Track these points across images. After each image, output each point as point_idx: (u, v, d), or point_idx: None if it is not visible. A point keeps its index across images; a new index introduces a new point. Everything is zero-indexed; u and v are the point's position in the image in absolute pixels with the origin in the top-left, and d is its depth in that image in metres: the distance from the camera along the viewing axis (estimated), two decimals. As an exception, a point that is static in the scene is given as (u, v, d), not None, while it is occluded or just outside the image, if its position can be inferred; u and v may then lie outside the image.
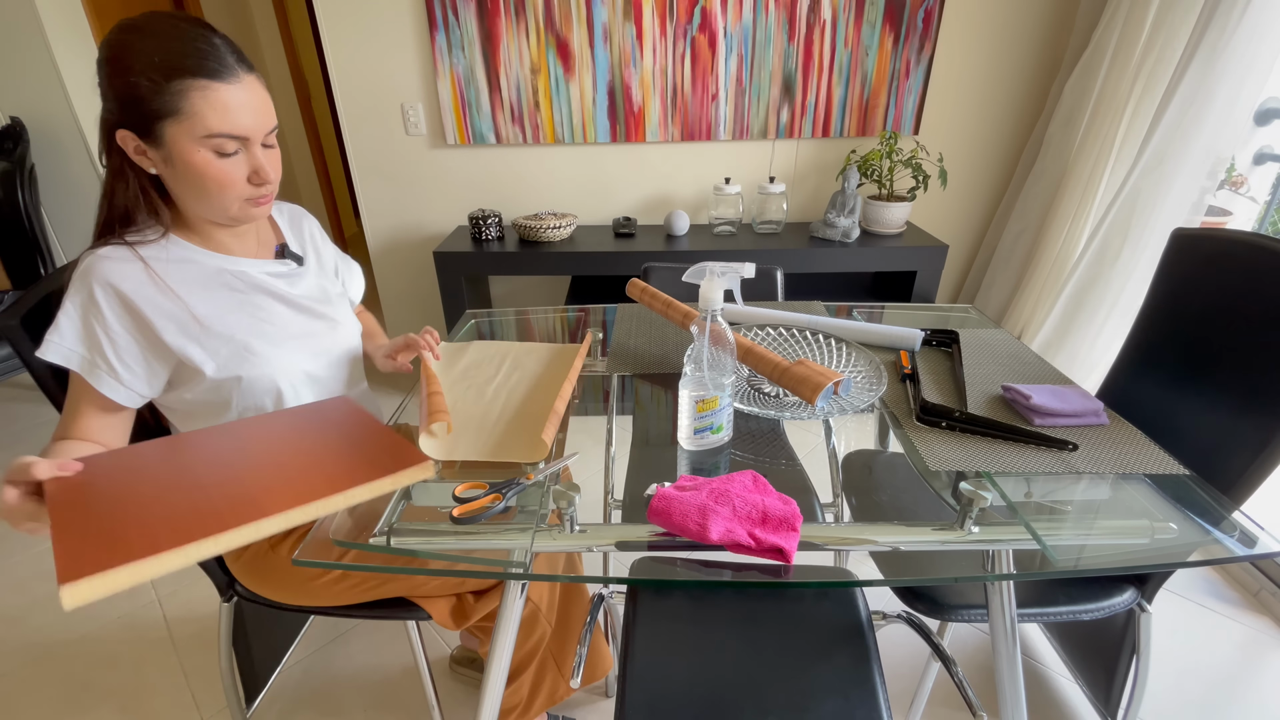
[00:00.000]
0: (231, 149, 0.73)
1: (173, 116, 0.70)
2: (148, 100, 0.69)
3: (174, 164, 0.73)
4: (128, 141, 0.72)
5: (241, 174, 0.75)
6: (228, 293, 0.81)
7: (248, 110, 0.73)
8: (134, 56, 0.69)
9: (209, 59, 0.70)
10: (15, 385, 2.53)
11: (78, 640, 1.42)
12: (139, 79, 0.68)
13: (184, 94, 0.69)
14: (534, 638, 1.02)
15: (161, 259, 0.78)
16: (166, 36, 0.69)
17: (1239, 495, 0.85)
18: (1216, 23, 1.48)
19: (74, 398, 0.77)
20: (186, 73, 0.69)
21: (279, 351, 0.83)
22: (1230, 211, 1.78)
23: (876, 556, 0.99)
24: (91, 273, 0.74)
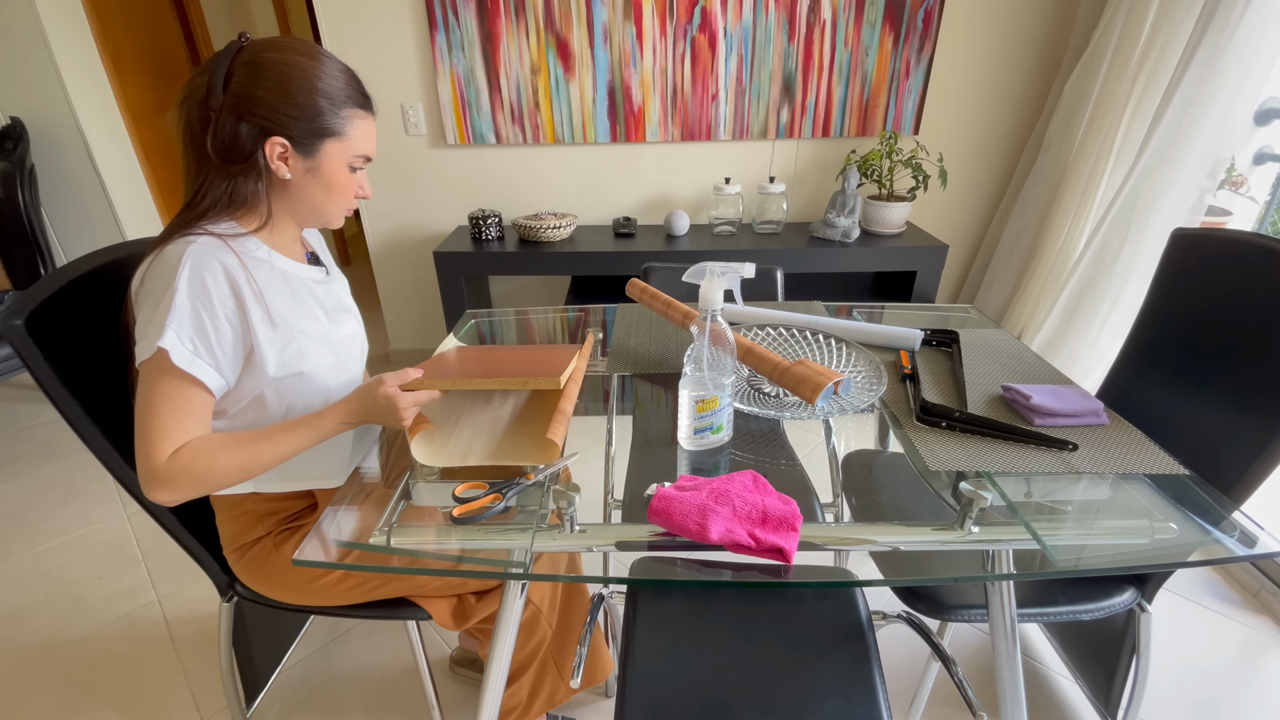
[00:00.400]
0: (360, 166, 0.84)
1: (335, 137, 0.79)
2: (321, 119, 0.77)
3: (318, 174, 0.81)
4: (275, 147, 0.77)
5: (355, 188, 0.86)
6: (289, 294, 0.84)
7: (375, 140, 0.86)
8: (318, 79, 0.76)
9: (365, 94, 0.82)
10: (15, 385, 2.53)
11: (78, 640, 1.42)
12: (320, 100, 0.77)
13: (350, 120, 0.80)
14: (534, 640, 1.02)
15: (247, 255, 0.80)
16: (335, 70, 0.79)
17: (1239, 495, 0.85)
18: (1216, 23, 1.48)
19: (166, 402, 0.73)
20: (355, 103, 0.80)
21: (318, 351, 0.85)
22: (1230, 211, 1.78)
23: (876, 556, 0.99)
24: (205, 260, 0.74)
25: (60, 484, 1.95)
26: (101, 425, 0.85)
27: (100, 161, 2.33)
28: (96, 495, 1.89)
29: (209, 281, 0.73)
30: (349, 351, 0.92)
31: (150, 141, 2.65)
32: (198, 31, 3.00)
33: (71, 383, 0.82)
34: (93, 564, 1.63)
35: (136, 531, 1.74)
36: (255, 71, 0.75)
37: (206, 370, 0.74)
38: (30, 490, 1.92)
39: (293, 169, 0.79)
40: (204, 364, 0.74)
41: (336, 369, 0.89)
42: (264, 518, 0.93)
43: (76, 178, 2.35)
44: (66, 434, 2.15)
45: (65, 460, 2.06)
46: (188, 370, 0.73)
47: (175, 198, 2.82)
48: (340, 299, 0.95)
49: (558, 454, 0.79)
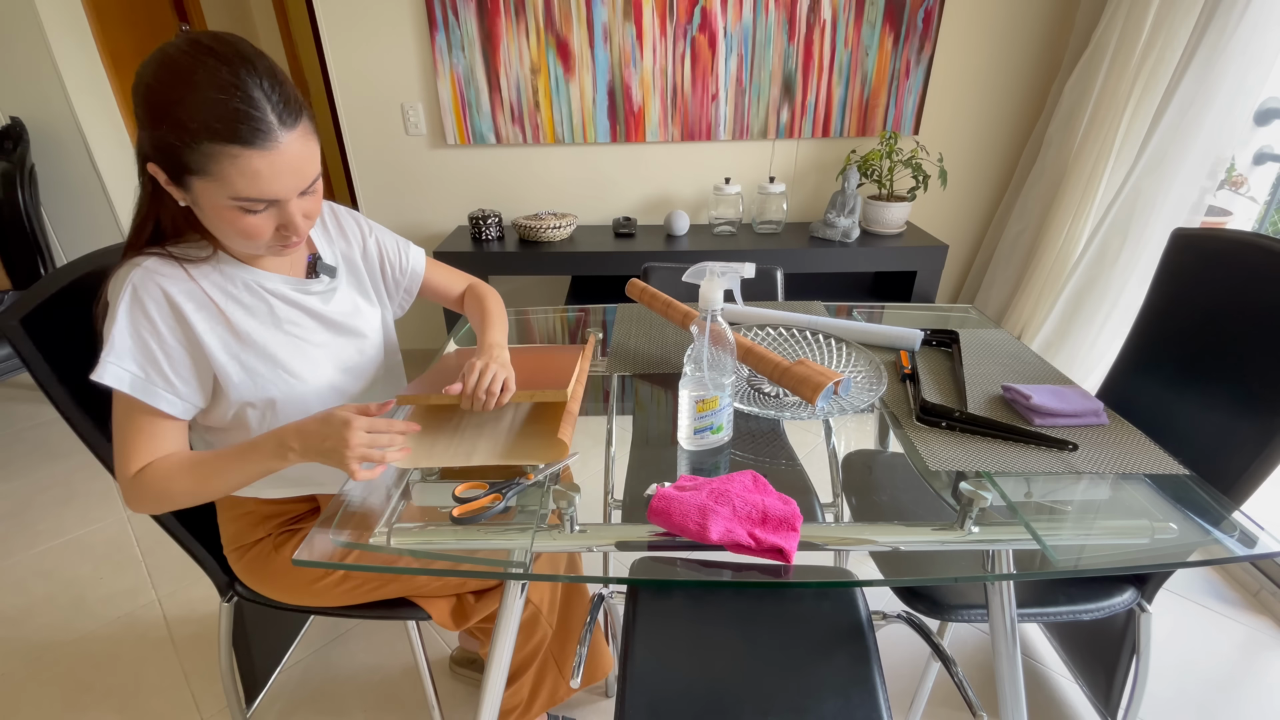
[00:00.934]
0: (260, 208, 0.69)
1: (199, 175, 0.66)
2: (178, 152, 0.65)
3: (200, 208, 0.71)
4: (158, 173, 0.69)
5: (270, 226, 0.72)
6: (266, 311, 0.80)
7: (281, 175, 0.68)
8: (170, 104, 0.63)
9: (245, 123, 0.64)
10: (15, 385, 2.53)
11: (78, 640, 1.42)
12: (171, 131, 0.64)
13: (213, 157, 0.64)
14: (535, 639, 1.02)
15: (205, 273, 0.77)
16: (206, 87, 0.63)
17: (1239, 495, 0.85)
18: (1216, 23, 1.48)
19: (130, 425, 0.75)
20: (219, 137, 0.63)
21: (314, 370, 0.83)
22: (1230, 211, 1.78)
23: (876, 556, 0.99)
24: (140, 285, 0.71)
25: (60, 484, 1.95)
26: (102, 425, 0.85)
27: (100, 161, 2.33)
28: (96, 495, 1.89)
29: (149, 307, 0.72)
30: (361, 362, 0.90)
31: (150, 141, 2.64)
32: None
33: (71, 383, 0.82)
34: (93, 564, 1.63)
35: (136, 531, 1.74)
36: (135, 86, 0.65)
37: (163, 396, 0.74)
38: (30, 490, 1.92)
39: (181, 197, 0.70)
40: (160, 390, 0.74)
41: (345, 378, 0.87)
42: (265, 519, 0.93)
43: (76, 178, 2.35)
44: (66, 434, 2.15)
45: (65, 460, 2.05)
46: (142, 399, 0.73)
47: (175, 198, 2.82)
48: (356, 306, 0.91)
49: (566, 453, 0.80)
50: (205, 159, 0.64)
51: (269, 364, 0.79)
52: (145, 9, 2.68)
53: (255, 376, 0.79)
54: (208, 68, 0.63)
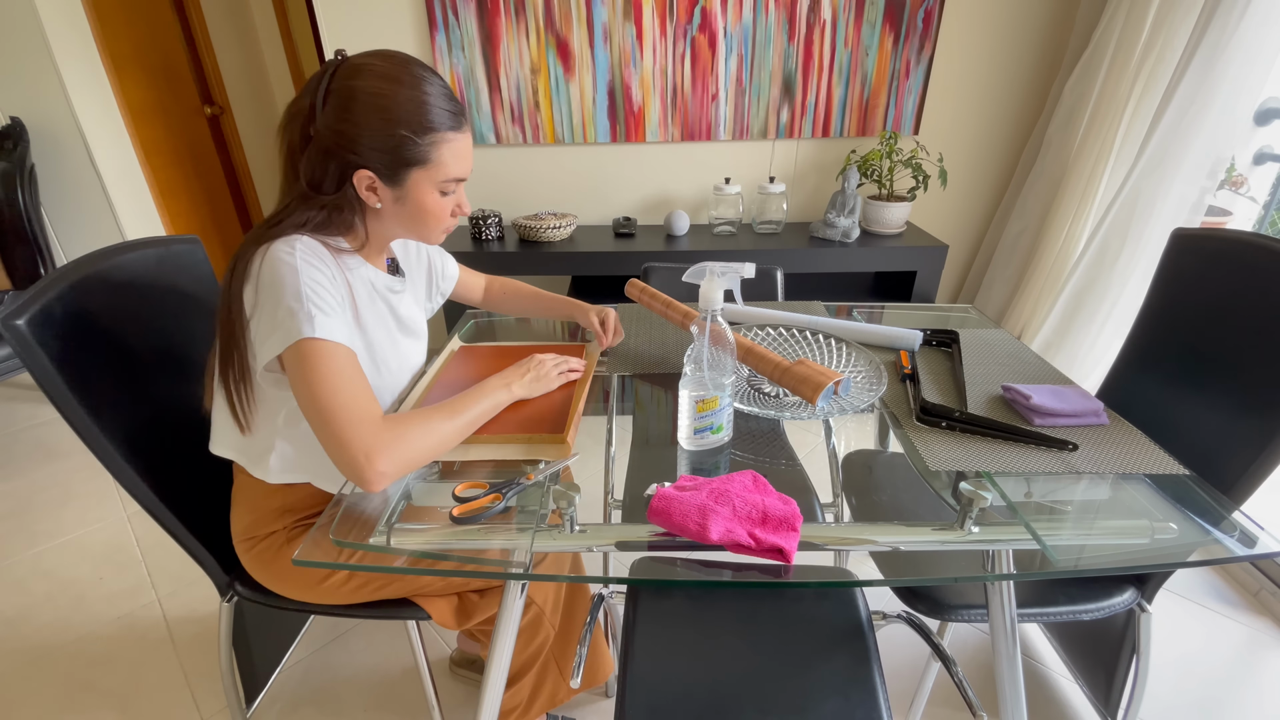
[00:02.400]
0: (453, 189, 0.81)
1: (422, 165, 0.76)
2: (404, 150, 0.74)
3: (406, 202, 0.79)
4: (363, 179, 0.76)
5: (450, 208, 0.83)
6: (370, 297, 0.85)
7: (470, 155, 0.81)
8: (399, 109, 0.73)
9: (453, 111, 0.77)
10: (15, 385, 2.53)
11: (77, 640, 1.42)
12: (404, 132, 0.73)
13: (435, 146, 0.75)
14: (537, 641, 1.02)
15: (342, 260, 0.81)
16: (416, 87, 0.74)
17: (1239, 495, 0.85)
18: (1216, 23, 1.48)
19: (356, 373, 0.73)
20: (442, 127, 0.75)
21: (386, 365, 0.88)
22: (1230, 211, 1.78)
23: (876, 556, 0.99)
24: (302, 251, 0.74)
25: (60, 484, 1.95)
26: (101, 425, 0.85)
27: (100, 161, 2.33)
28: (96, 495, 1.89)
29: (322, 267, 0.75)
30: (407, 363, 0.94)
31: (150, 141, 2.64)
32: (198, 32, 2.99)
33: (71, 383, 0.82)
34: (93, 564, 1.63)
35: (136, 531, 1.74)
36: (341, 103, 0.73)
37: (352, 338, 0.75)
38: (30, 490, 1.92)
39: (383, 199, 0.78)
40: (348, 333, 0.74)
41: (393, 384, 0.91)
42: (283, 513, 0.92)
43: (76, 178, 2.35)
44: (66, 434, 2.15)
45: (65, 460, 2.05)
46: (342, 340, 0.72)
47: (175, 198, 2.82)
48: (413, 314, 0.96)
49: (568, 453, 0.80)
50: (430, 149, 0.75)
51: (367, 349, 0.84)
52: (145, 9, 2.68)
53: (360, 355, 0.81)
54: (420, 73, 0.75)
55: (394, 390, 0.92)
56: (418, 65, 0.76)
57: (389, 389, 0.90)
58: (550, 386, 0.93)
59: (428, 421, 0.76)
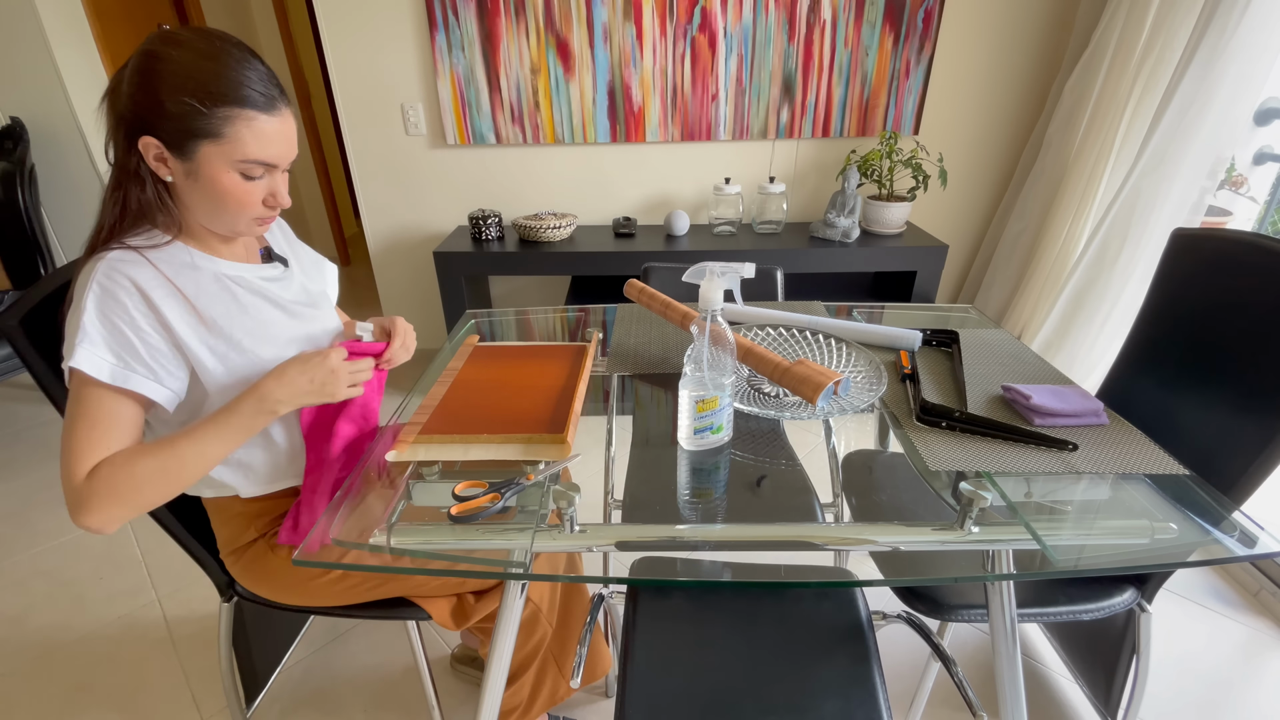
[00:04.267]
0: (258, 174, 0.76)
1: (211, 139, 0.71)
2: (189, 119, 0.70)
3: (198, 179, 0.74)
4: (149, 148, 0.72)
5: (259, 196, 0.77)
6: (229, 297, 0.81)
7: (281, 141, 0.76)
8: (183, 74, 0.69)
9: (257, 89, 0.72)
10: (15, 385, 2.53)
11: (78, 640, 1.42)
12: (185, 98, 0.69)
13: (229, 120, 0.71)
14: (535, 638, 1.02)
15: (168, 262, 0.77)
16: (217, 59, 0.70)
17: (1239, 495, 0.85)
18: (1216, 23, 1.48)
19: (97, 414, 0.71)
20: (237, 101, 0.71)
21: (279, 353, 0.83)
22: (1230, 211, 1.78)
23: (876, 556, 0.99)
24: (109, 275, 0.72)
25: (60, 484, 1.94)
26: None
27: (100, 161, 2.33)
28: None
29: (119, 294, 0.71)
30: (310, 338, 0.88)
31: (150, 141, 2.64)
32: (198, 31, 2.99)
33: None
34: (93, 564, 1.63)
35: (136, 531, 1.74)
36: (141, 68, 0.70)
37: (142, 381, 0.72)
38: (30, 490, 1.92)
39: (173, 170, 0.74)
40: (138, 376, 0.72)
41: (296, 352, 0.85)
42: (255, 518, 0.92)
43: (76, 178, 2.35)
44: (66, 434, 2.15)
45: (65, 460, 2.05)
46: (119, 385, 0.71)
47: (175, 198, 2.82)
48: (309, 292, 0.92)
49: (568, 453, 0.80)
50: (223, 122, 0.71)
51: (236, 348, 0.79)
52: (145, 9, 2.68)
53: (225, 361, 0.78)
54: (215, 41, 0.72)
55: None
56: (235, 45, 0.73)
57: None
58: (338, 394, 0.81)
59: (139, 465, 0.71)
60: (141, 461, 0.71)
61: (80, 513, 0.69)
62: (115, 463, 0.70)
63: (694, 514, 0.76)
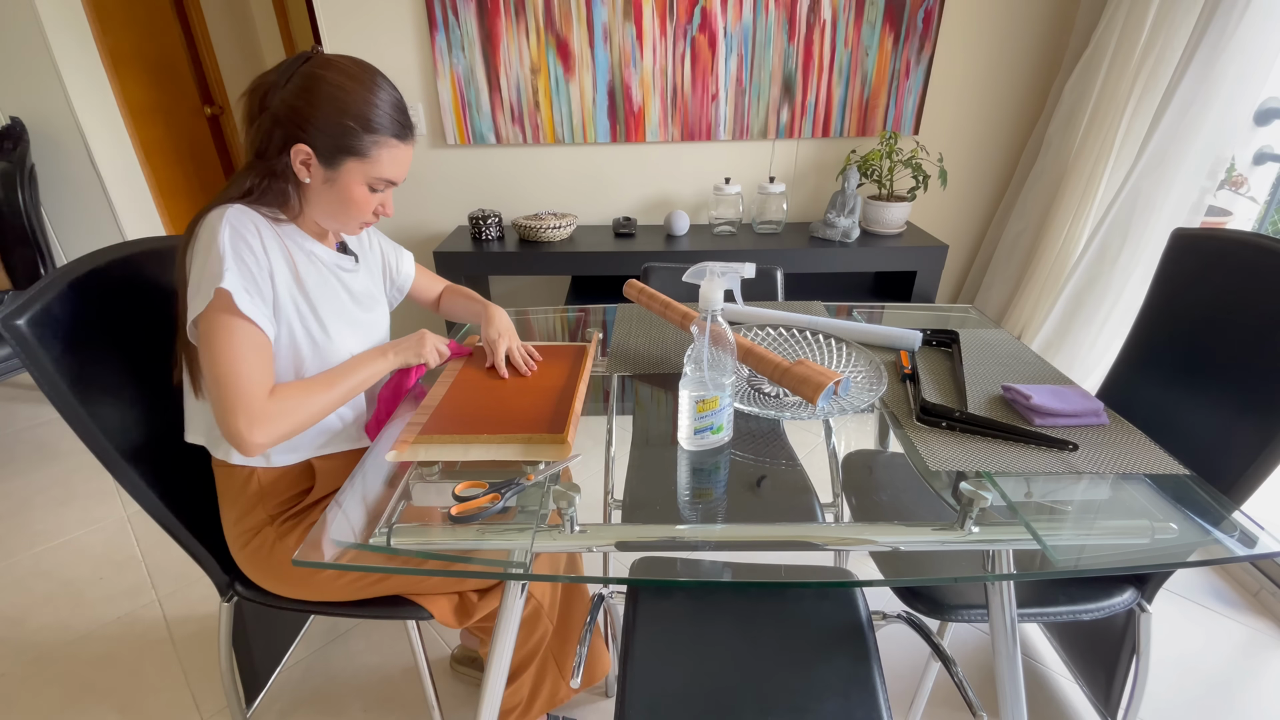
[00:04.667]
0: (381, 188, 0.88)
1: (358, 157, 0.83)
2: (346, 139, 0.81)
3: (334, 186, 0.84)
4: (299, 153, 0.82)
5: (374, 207, 0.89)
6: (321, 273, 0.91)
7: (406, 165, 0.89)
8: (350, 100, 0.81)
9: (402, 124, 0.86)
10: (15, 385, 2.53)
11: (78, 640, 1.42)
12: (349, 121, 0.81)
13: (377, 145, 0.83)
14: (535, 636, 1.02)
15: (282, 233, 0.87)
16: (374, 91, 0.83)
17: (1239, 495, 0.85)
18: (1216, 23, 1.48)
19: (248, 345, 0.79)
20: (387, 131, 0.84)
21: (343, 332, 0.92)
22: (1230, 211, 1.78)
23: (876, 556, 0.99)
24: (239, 219, 0.80)
25: (60, 484, 1.95)
26: (101, 425, 0.85)
27: (100, 161, 2.33)
28: (96, 495, 1.89)
29: (248, 236, 0.80)
30: (373, 335, 0.99)
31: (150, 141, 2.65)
32: (198, 31, 2.99)
33: (71, 383, 0.82)
34: (93, 564, 1.63)
35: (136, 531, 1.74)
36: (307, 85, 0.80)
37: (263, 316, 0.80)
38: (30, 490, 1.92)
39: (313, 176, 0.84)
40: (260, 310, 0.80)
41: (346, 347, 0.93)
42: (265, 498, 0.93)
43: (76, 178, 2.35)
44: (66, 434, 2.15)
45: (65, 460, 2.06)
46: (251, 316, 0.78)
47: (175, 198, 2.82)
48: (369, 290, 1.01)
49: (568, 453, 0.80)
50: (372, 145, 0.83)
51: (313, 313, 0.88)
52: (145, 9, 2.68)
53: (305, 322, 0.87)
54: (380, 81, 0.84)
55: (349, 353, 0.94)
56: (382, 77, 0.85)
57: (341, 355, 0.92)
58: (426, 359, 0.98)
59: (306, 395, 0.83)
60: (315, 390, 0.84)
61: (258, 428, 0.77)
62: (290, 390, 0.82)
63: (694, 514, 0.76)
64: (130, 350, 0.92)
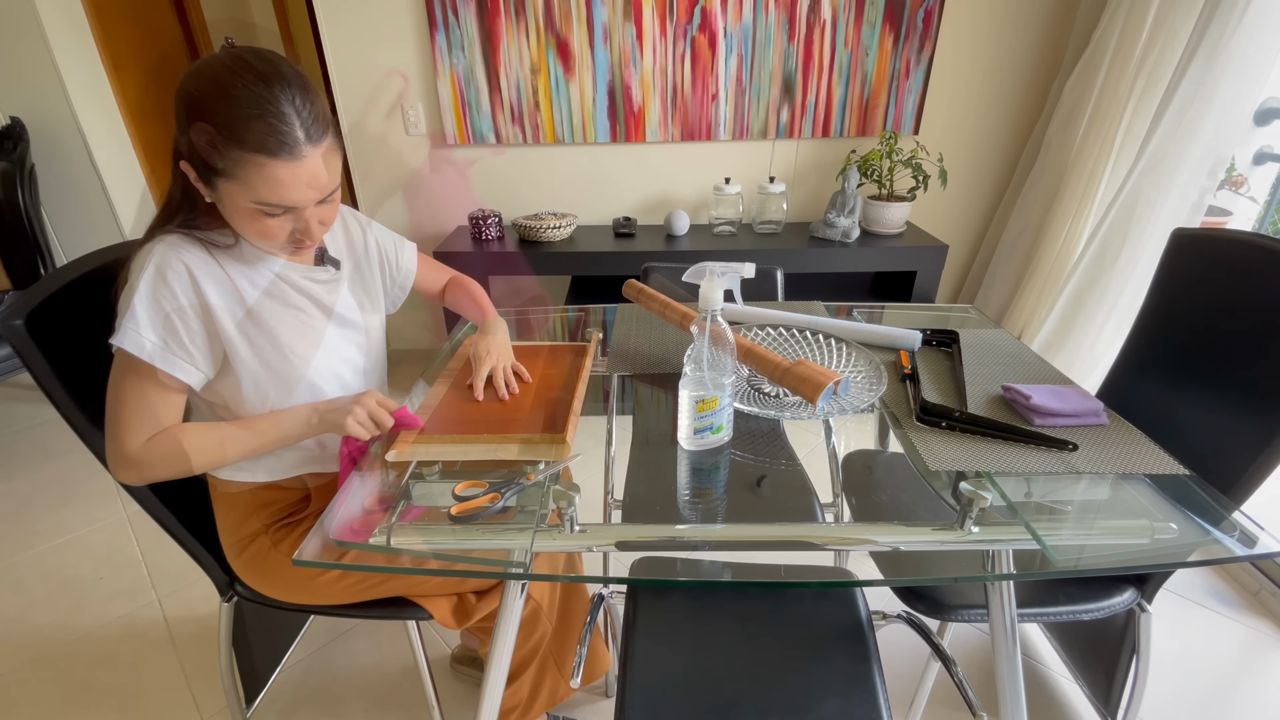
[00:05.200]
0: (278, 213, 0.75)
1: (225, 178, 0.71)
2: (207, 156, 0.70)
3: (225, 207, 0.76)
4: (189, 171, 0.74)
5: (285, 230, 0.77)
6: (278, 293, 0.84)
7: (301, 186, 0.73)
8: (206, 111, 0.69)
9: (272, 136, 0.69)
10: (15, 385, 2.53)
11: (77, 640, 1.42)
12: (203, 138, 0.69)
13: (240, 163, 0.70)
14: (535, 636, 1.02)
15: (228, 253, 0.81)
16: (242, 100, 0.68)
17: (1239, 495, 0.85)
18: (1216, 23, 1.48)
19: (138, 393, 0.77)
20: (247, 146, 0.69)
21: (315, 354, 0.87)
22: (1230, 211, 1.78)
23: (876, 556, 0.99)
24: (163, 258, 0.76)
25: (60, 484, 1.95)
26: (102, 426, 0.85)
27: (100, 161, 2.33)
28: (96, 495, 1.89)
29: (170, 279, 0.75)
30: (356, 353, 0.93)
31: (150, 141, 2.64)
32: (198, 31, 2.99)
33: (71, 383, 0.83)
34: (93, 564, 1.63)
35: (136, 531, 1.74)
36: (183, 87, 0.71)
37: (180, 365, 0.77)
38: (30, 490, 1.92)
39: (209, 196, 0.75)
40: (178, 359, 0.77)
41: (341, 365, 0.90)
42: (260, 509, 0.93)
43: (76, 178, 2.35)
44: (66, 434, 2.15)
45: (65, 460, 2.05)
46: (160, 366, 0.76)
47: (175, 198, 2.82)
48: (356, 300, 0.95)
49: (567, 453, 0.80)
50: (233, 164, 0.70)
51: (275, 343, 0.83)
52: (145, 9, 2.68)
53: (261, 353, 0.82)
54: (245, 82, 0.69)
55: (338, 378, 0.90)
56: (267, 76, 0.69)
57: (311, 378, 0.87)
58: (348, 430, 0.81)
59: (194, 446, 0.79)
60: (196, 436, 0.80)
61: (124, 470, 0.78)
62: (171, 436, 0.79)
63: (694, 514, 0.76)
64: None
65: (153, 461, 0.78)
